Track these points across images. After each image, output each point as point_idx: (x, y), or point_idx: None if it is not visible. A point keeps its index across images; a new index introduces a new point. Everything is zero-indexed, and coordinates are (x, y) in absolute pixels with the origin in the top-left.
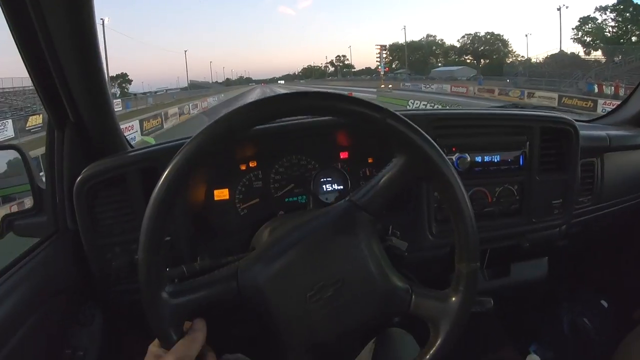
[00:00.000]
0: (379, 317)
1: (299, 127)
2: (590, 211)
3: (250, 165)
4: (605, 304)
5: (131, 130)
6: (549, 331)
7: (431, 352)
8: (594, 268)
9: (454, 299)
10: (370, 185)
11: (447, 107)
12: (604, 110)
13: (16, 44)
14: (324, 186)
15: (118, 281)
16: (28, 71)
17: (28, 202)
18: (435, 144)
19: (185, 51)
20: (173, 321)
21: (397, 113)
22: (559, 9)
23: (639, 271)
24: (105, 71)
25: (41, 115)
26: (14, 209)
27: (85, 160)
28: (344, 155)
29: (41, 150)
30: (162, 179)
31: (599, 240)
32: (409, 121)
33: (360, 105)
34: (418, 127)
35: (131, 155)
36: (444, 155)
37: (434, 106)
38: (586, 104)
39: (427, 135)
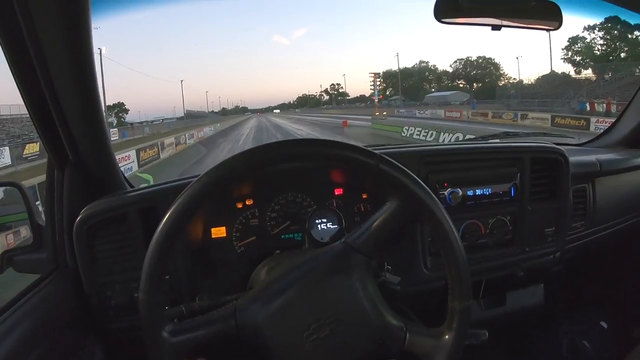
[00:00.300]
0: (374, 355)
1: (294, 165)
2: (584, 236)
3: (247, 203)
4: (604, 325)
5: (128, 160)
6: (549, 356)
7: None
8: (591, 290)
9: (447, 336)
10: (365, 228)
11: (439, 144)
12: (597, 128)
13: (17, 85)
14: (319, 226)
15: (118, 318)
16: (28, 111)
17: (24, 231)
18: (427, 187)
19: (182, 81)
20: (173, 359)
21: (390, 158)
22: (547, 31)
23: (636, 292)
24: (104, 108)
25: (38, 144)
26: (10, 237)
27: (85, 199)
28: (338, 191)
29: (38, 179)
30: (162, 224)
31: (595, 262)
32: (401, 166)
33: (354, 151)
34: (410, 172)
35: (131, 195)
36: (436, 199)
37: (428, 132)
38: (579, 123)
39: (419, 180)
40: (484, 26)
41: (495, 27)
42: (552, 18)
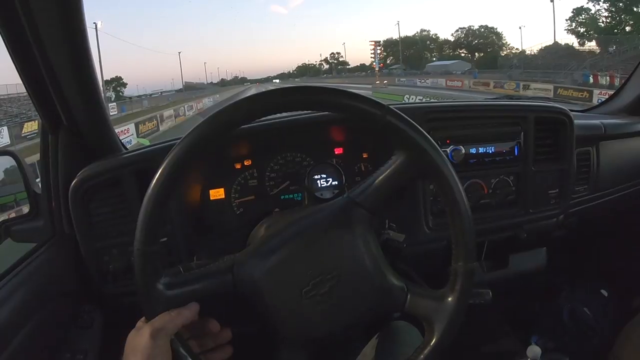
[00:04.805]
0: (374, 314)
1: (293, 123)
2: (587, 200)
3: (245, 163)
4: (605, 293)
5: (127, 134)
6: (549, 321)
7: (425, 351)
8: (593, 257)
9: (450, 298)
10: (368, 183)
11: (442, 101)
12: (599, 101)
13: (7, 49)
14: (318, 182)
15: (116, 283)
16: (20, 76)
17: (26, 209)
18: (434, 142)
19: (179, 53)
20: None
21: (397, 110)
22: (552, 0)
23: (638, 260)
24: (98, 73)
25: (37, 122)
26: (11, 216)
27: (79, 163)
28: (338, 151)
29: (37, 157)
30: (159, 172)
31: (597, 229)
32: (409, 119)
33: (360, 101)
34: (418, 126)
35: (125, 157)
36: (443, 154)
37: (429, 100)
38: (582, 95)
39: (426, 134)
40: None
41: None
42: None
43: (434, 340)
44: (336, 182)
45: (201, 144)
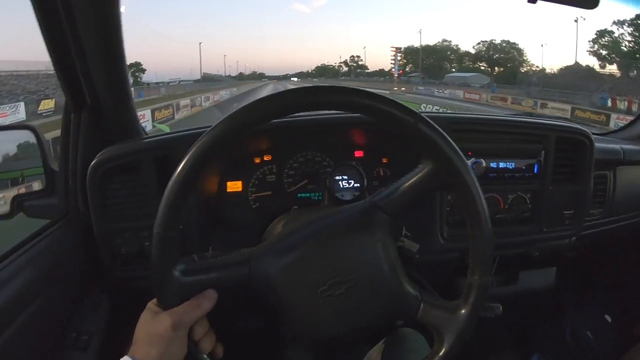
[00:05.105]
0: (385, 320)
1: (316, 122)
2: (601, 224)
3: (265, 158)
4: (609, 318)
5: (143, 119)
6: (552, 340)
7: None
8: (600, 281)
9: (462, 311)
10: (393, 188)
11: (465, 112)
12: (616, 125)
13: (39, 25)
14: (340, 183)
15: (126, 267)
16: (49, 51)
17: (37, 186)
18: (462, 155)
19: (200, 43)
20: (180, 299)
21: (429, 119)
22: (576, 21)
23: None
24: (126, 54)
25: (53, 100)
26: (22, 191)
27: (100, 144)
28: (358, 154)
29: (53, 134)
30: (186, 158)
31: (608, 254)
32: (440, 129)
33: (393, 106)
34: (447, 136)
35: (146, 142)
36: (470, 167)
37: (446, 111)
38: (599, 118)
39: (455, 146)
40: None
41: (531, 0)
42: None
43: (442, 351)
44: (357, 185)
45: (231, 135)
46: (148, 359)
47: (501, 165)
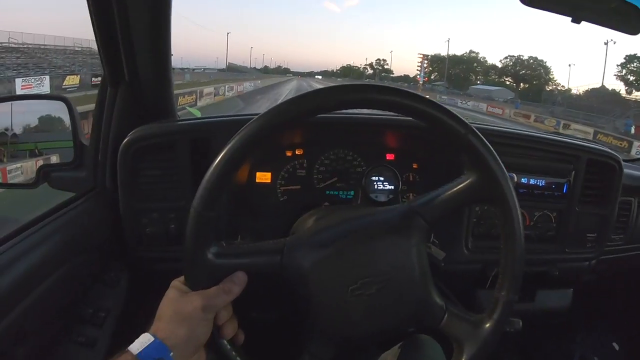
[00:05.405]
0: (409, 325)
1: (351, 121)
2: (621, 250)
3: (297, 152)
4: (616, 346)
5: None
6: None
7: None
8: (612, 308)
9: (487, 325)
10: (434, 195)
11: (498, 125)
12: (638, 153)
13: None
14: (375, 184)
15: (150, 247)
16: (92, 22)
17: (55, 159)
18: (505, 170)
19: (228, 33)
20: (210, 280)
21: (479, 132)
22: (606, 43)
23: None
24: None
25: (78, 76)
26: (39, 164)
27: (134, 121)
28: (390, 156)
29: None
30: (235, 138)
31: (624, 280)
32: (487, 143)
33: (446, 114)
34: (494, 151)
35: (183, 123)
36: (511, 184)
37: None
38: (621, 144)
39: (500, 161)
40: (565, 15)
41: (575, 20)
42: (633, 22)
43: None
44: (392, 187)
45: (281, 123)
46: (172, 337)
47: (532, 181)
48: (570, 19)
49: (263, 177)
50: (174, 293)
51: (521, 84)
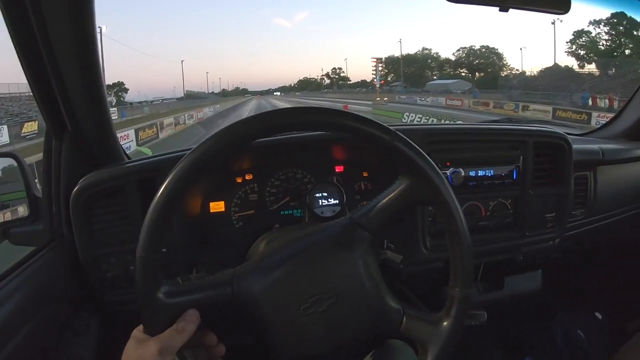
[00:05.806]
0: (369, 336)
1: (295, 140)
2: (584, 224)
3: (246, 178)
4: (599, 316)
5: (127, 140)
6: (544, 344)
7: None
8: (588, 281)
9: (445, 323)
10: (371, 205)
11: (442, 122)
12: (598, 123)
13: (16, 52)
14: (319, 200)
15: (113, 291)
16: (27, 78)
17: (21, 210)
18: (438, 169)
19: (182, 61)
20: (166, 321)
21: (404, 136)
22: (553, 23)
23: (633, 284)
24: (104, 79)
25: (37, 122)
26: (7, 216)
27: (82, 169)
28: (339, 169)
29: (36, 157)
30: (168, 179)
31: (593, 253)
32: (416, 146)
33: (369, 125)
34: (423, 152)
35: (130, 165)
36: (447, 182)
37: (429, 119)
38: (580, 117)
39: (431, 161)
40: (492, 6)
41: (503, 9)
42: (560, 2)
43: None
44: (337, 201)
45: (211, 157)
46: None
47: (480, 173)
48: (497, 8)
49: (217, 206)
50: (132, 343)
51: (476, 73)
